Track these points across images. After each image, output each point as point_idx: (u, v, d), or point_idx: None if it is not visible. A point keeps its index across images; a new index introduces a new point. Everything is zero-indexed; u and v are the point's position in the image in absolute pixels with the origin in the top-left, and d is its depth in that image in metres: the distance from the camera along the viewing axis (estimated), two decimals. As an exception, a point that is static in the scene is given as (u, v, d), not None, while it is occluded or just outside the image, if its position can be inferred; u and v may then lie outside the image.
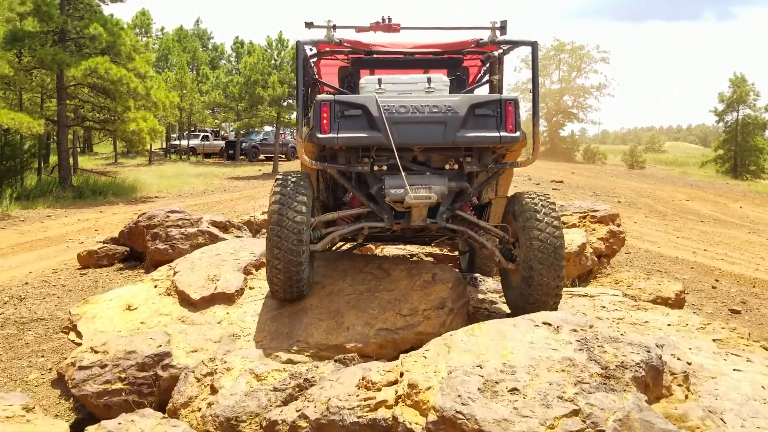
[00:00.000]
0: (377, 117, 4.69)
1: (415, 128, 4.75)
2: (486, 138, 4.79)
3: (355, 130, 4.73)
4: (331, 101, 4.74)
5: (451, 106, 4.75)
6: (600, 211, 8.88)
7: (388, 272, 5.38)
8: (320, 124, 4.71)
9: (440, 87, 5.08)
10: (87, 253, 10.55)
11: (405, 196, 4.76)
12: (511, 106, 4.83)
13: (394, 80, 5.12)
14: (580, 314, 5.53)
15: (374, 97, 4.75)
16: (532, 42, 4.98)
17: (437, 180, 4.93)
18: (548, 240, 4.83)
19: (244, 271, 5.51)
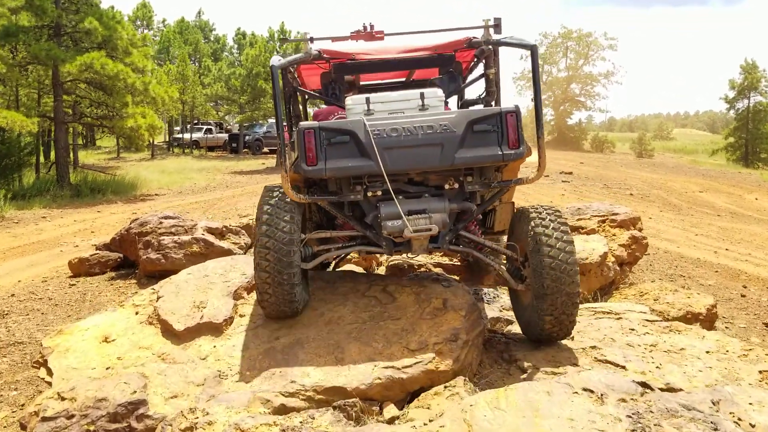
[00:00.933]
0: (366, 143, 4.30)
1: (409, 152, 4.35)
2: (487, 157, 4.41)
3: (343, 159, 4.35)
4: (315, 129, 4.34)
5: (446, 125, 4.35)
6: (620, 214, 8.30)
7: (394, 296, 4.84)
8: (305, 155, 4.34)
9: (435, 103, 4.66)
10: (78, 260, 10.06)
11: (404, 229, 4.43)
12: (512, 118, 4.43)
13: (383, 99, 4.69)
14: (606, 339, 5.00)
15: (362, 121, 4.35)
16: (532, 45, 4.51)
17: (437, 204, 4.58)
18: (562, 264, 4.43)
19: (234, 296, 4.98)
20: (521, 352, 4.66)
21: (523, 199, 18.81)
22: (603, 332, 5.21)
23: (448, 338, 4.29)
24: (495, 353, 4.76)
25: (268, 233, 4.32)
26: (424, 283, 4.98)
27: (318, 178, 4.47)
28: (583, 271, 6.98)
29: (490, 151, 4.40)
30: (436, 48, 5.10)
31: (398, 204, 4.42)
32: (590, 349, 4.68)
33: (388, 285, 5.00)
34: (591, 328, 5.31)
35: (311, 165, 4.33)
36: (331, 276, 5.30)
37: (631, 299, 6.91)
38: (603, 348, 4.72)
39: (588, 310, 6.09)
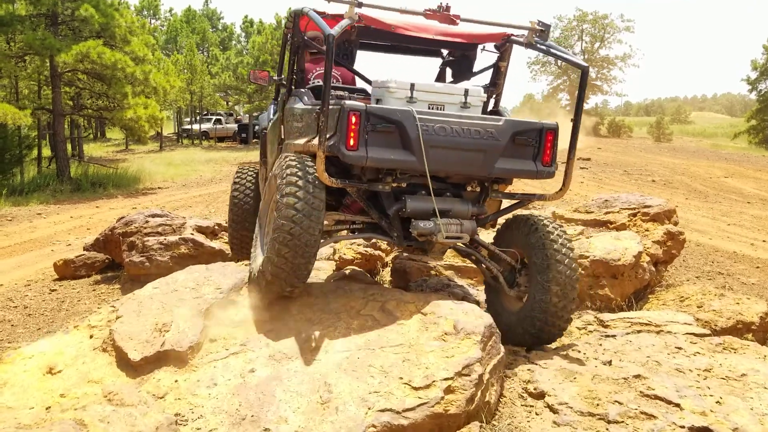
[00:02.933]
0: (413, 137, 4.08)
1: (453, 154, 4.19)
2: (522, 171, 4.42)
3: (386, 149, 4.11)
4: (362, 111, 4.04)
5: (493, 133, 4.23)
6: (653, 206, 7.43)
7: (394, 316, 4.02)
8: (346, 137, 4.03)
9: (476, 102, 4.53)
10: (63, 262, 9.34)
11: (436, 234, 4.30)
12: (551, 135, 4.41)
13: (427, 88, 4.42)
14: (650, 363, 4.17)
15: (412, 113, 4.09)
16: (584, 66, 4.51)
17: (461, 207, 4.50)
18: (569, 281, 4.44)
19: (206, 316, 4.18)
20: (550, 383, 3.83)
21: (540, 188, 17.92)
22: (645, 353, 4.37)
23: (460, 372, 3.47)
24: (518, 384, 3.93)
25: (297, 206, 3.93)
26: (430, 299, 4.16)
27: (356, 164, 4.18)
28: (615, 274, 6.14)
29: (526, 166, 4.37)
30: (474, 37, 4.90)
31: (436, 207, 4.28)
32: (634, 380, 3.84)
33: (387, 301, 4.18)
34: (630, 348, 4.48)
35: (351, 150, 4.06)
36: (323, 289, 4.49)
37: (670, 305, 6.06)
38: (649, 377, 3.88)
39: (623, 321, 5.26)
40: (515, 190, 5.18)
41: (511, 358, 4.32)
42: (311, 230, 3.96)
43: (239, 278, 4.56)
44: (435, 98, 4.43)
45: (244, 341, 3.95)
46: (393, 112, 4.11)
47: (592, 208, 7.66)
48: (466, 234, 4.40)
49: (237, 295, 4.44)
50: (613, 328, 5.24)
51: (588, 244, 6.43)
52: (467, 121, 4.22)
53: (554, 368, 4.03)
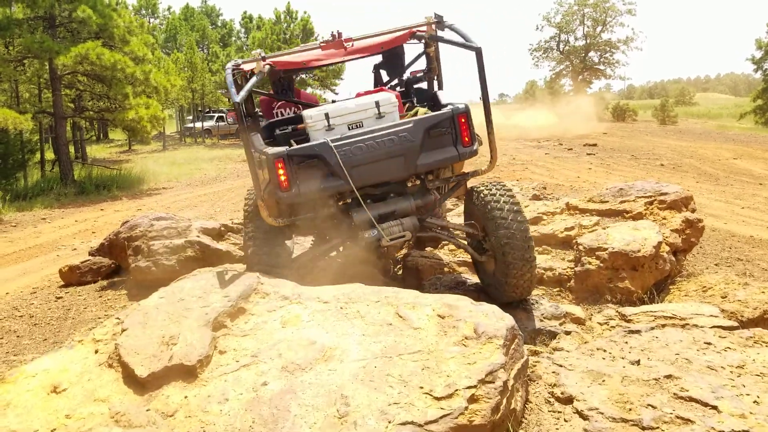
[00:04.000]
0: (335, 164, 4.55)
1: (374, 167, 4.63)
2: (446, 159, 4.75)
3: (315, 180, 4.61)
4: (284, 156, 4.56)
5: (406, 135, 4.62)
6: (669, 194, 7.21)
7: (410, 319, 3.84)
8: (278, 182, 4.58)
9: (390, 109, 4.88)
10: (69, 268, 9.21)
11: (381, 239, 4.78)
12: (464, 118, 4.74)
13: (341, 111, 4.85)
14: (680, 360, 3.98)
15: (328, 144, 4.57)
16: (476, 48, 4.75)
17: (404, 204, 4.95)
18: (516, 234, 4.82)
19: (214, 326, 4.01)
20: (578, 386, 3.65)
21: (548, 176, 17.73)
22: (674, 350, 4.18)
23: (484, 379, 3.29)
24: (543, 388, 3.75)
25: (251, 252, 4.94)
26: (447, 300, 3.97)
27: (294, 202, 4.70)
28: (635, 266, 5.94)
29: (448, 153, 4.73)
30: (382, 46, 5.34)
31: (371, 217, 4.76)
32: (665, 380, 3.66)
33: (402, 305, 4.00)
34: (657, 345, 4.29)
35: (285, 191, 4.59)
36: (335, 294, 4.31)
37: (693, 296, 5.86)
38: (681, 377, 3.69)
39: (647, 315, 5.07)
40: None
41: (533, 359, 4.15)
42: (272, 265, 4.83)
43: (247, 284, 4.39)
44: (352, 118, 4.83)
45: (255, 352, 3.78)
46: (310, 149, 4.60)
47: (606, 198, 7.45)
48: (408, 231, 4.84)
49: (246, 303, 4.27)
50: (636, 322, 5.05)
51: (606, 235, 6.24)
52: (380, 133, 4.61)
53: (581, 370, 3.85)
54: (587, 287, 6.02)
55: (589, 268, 5.99)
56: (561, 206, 7.56)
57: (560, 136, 31.13)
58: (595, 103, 50.15)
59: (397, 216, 4.93)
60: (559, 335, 4.99)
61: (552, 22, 58.49)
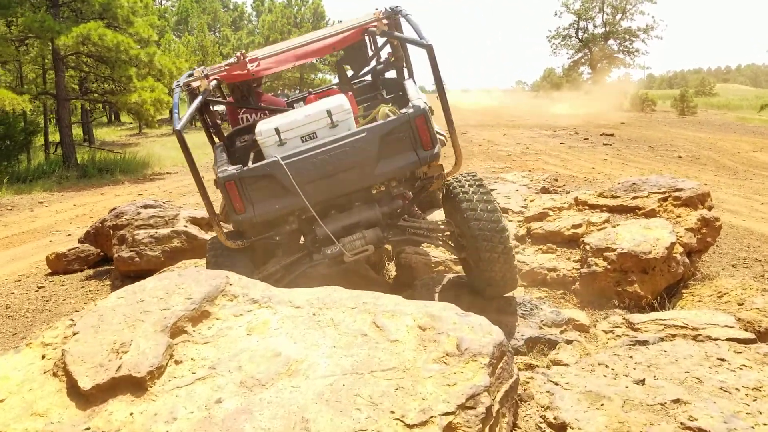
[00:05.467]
0: (287, 183, 4.37)
1: (330, 181, 4.43)
2: (405, 165, 4.52)
3: (270, 200, 4.47)
4: (236, 179, 4.42)
5: (360, 146, 4.38)
6: (685, 190, 6.72)
7: (387, 330, 3.43)
8: (233, 205, 4.47)
9: (343, 117, 4.62)
10: (56, 256, 8.91)
11: (342, 255, 4.66)
12: (421, 120, 4.46)
13: (292, 124, 4.61)
14: (690, 380, 3.56)
15: (278, 162, 4.37)
16: (427, 45, 4.47)
17: (369, 213, 4.75)
18: (485, 218, 4.59)
19: (172, 332, 3.61)
20: (573, 410, 3.23)
21: (562, 167, 17.20)
22: (683, 367, 3.75)
23: (464, 404, 2.87)
24: (535, 411, 3.33)
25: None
26: (431, 309, 3.55)
27: (250, 223, 4.55)
28: (646, 269, 5.49)
29: (407, 159, 4.48)
30: (333, 47, 5.13)
31: (330, 233, 4.59)
32: (672, 406, 3.23)
33: (381, 313, 3.58)
34: (665, 360, 3.86)
35: (240, 213, 4.46)
36: (308, 299, 3.90)
37: (707, 302, 5.40)
38: (690, 401, 3.26)
39: (656, 324, 4.64)
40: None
41: (527, 375, 3.73)
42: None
43: (215, 285, 3.98)
44: (304, 130, 4.58)
45: (213, 363, 3.38)
46: (261, 169, 4.42)
47: (618, 193, 6.98)
48: (371, 246, 4.68)
49: (211, 305, 3.86)
50: (644, 332, 4.63)
51: (615, 234, 5.78)
52: (332, 146, 4.39)
53: (578, 391, 3.42)
54: (593, 290, 5.58)
55: (596, 269, 5.54)
56: (569, 201, 7.10)
57: (577, 126, 30.44)
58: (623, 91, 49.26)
59: (361, 227, 4.74)
60: (559, 345, 4.56)
61: (571, 9, 57.42)
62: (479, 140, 24.10)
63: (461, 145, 4.99)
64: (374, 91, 6.43)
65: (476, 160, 18.92)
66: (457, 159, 4.76)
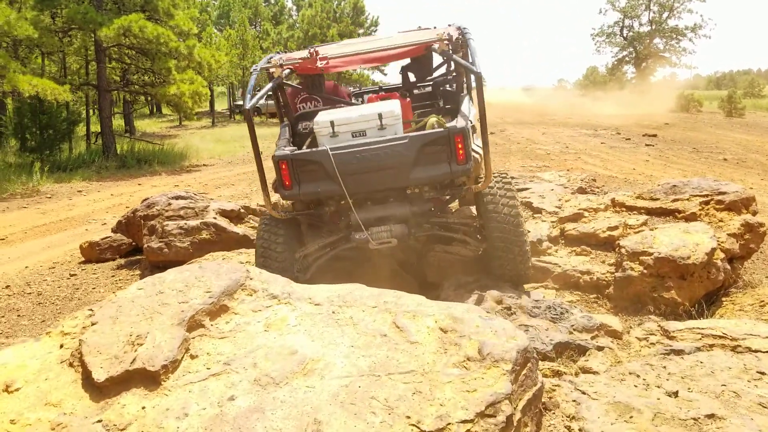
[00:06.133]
0: (331, 171, 4.85)
1: (369, 177, 4.90)
2: (438, 175, 4.93)
3: (314, 183, 4.99)
4: (288, 159, 4.97)
5: (400, 150, 4.84)
6: (728, 193, 6.45)
7: (408, 331, 3.31)
8: (282, 180, 5.02)
9: (392, 122, 5.07)
10: (89, 245, 9.01)
11: (368, 242, 5.15)
12: (460, 137, 4.84)
13: (346, 120, 5.10)
14: (727, 394, 3.37)
15: (327, 152, 4.86)
16: (477, 72, 4.85)
17: (400, 210, 5.22)
18: (506, 223, 5.02)
19: (189, 326, 3.55)
20: (600, 421, 3.06)
21: (602, 167, 16.84)
22: (720, 379, 3.55)
23: (483, 412, 2.74)
24: (559, 421, 3.18)
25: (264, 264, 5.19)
26: (455, 311, 3.42)
27: (294, 199, 5.24)
28: (684, 274, 5.27)
29: (441, 170, 4.90)
30: (398, 56, 5.51)
31: (360, 221, 5.10)
32: (706, 421, 3.04)
33: (402, 313, 3.47)
34: (701, 371, 3.66)
35: (287, 189, 5.05)
36: (329, 296, 3.80)
37: (748, 312, 5.15)
38: (726, 417, 3.08)
39: (692, 332, 4.42)
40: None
41: (553, 382, 3.57)
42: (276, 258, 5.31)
43: (234, 279, 3.91)
44: (355, 127, 5.06)
45: (228, 359, 3.31)
46: (311, 155, 4.97)
47: (657, 195, 6.73)
48: (395, 239, 5.15)
49: (230, 300, 3.80)
50: (679, 340, 4.42)
51: (652, 238, 5.56)
52: (376, 146, 4.86)
53: (606, 401, 3.26)
54: (628, 296, 5.37)
55: (631, 274, 5.34)
56: (606, 202, 6.88)
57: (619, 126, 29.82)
58: (671, 91, 48.23)
59: (392, 221, 5.19)
60: (589, 351, 4.38)
61: (616, 7, 56.47)
62: (518, 138, 23.77)
63: (500, 143, 5.23)
64: (432, 99, 6.96)
65: (514, 158, 18.66)
66: (486, 176, 5.02)
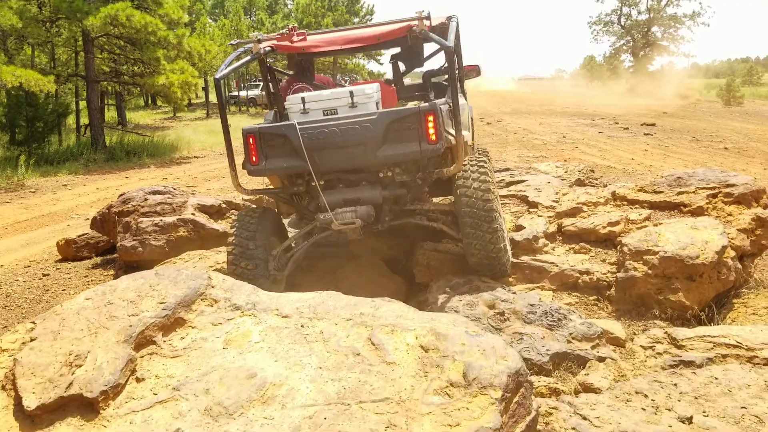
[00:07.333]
0: (297, 145, 4.69)
1: (335, 153, 4.73)
2: (406, 153, 4.74)
3: (280, 158, 4.83)
4: (256, 132, 4.83)
5: (368, 126, 4.67)
6: (737, 185, 6.03)
7: (385, 349, 2.90)
8: (249, 155, 4.86)
9: (363, 100, 4.92)
10: (65, 242, 8.59)
11: (331, 223, 4.96)
12: (431, 115, 4.67)
13: (317, 98, 4.99)
14: (748, 419, 2.97)
15: (294, 126, 4.71)
16: (447, 46, 4.76)
17: (370, 193, 5.02)
18: (475, 197, 4.76)
19: (137, 343, 3.13)
20: (602, 455, 2.67)
21: (600, 157, 16.43)
22: (738, 400, 3.15)
23: (467, 450, 2.34)
24: (556, 452, 2.78)
25: (234, 262, 5.02)
26: (438, 325, 3.01)
27: (259, 176, 5.04)
28: (692, 275, 4.86)
29: (410, 148, 4.68)
30: (378, 37, 5.28)
31: (324, 200, 4.90)
32: (727, 455, 2.64)
33: (379, 327, 3.05)
34: (717, 390, 3.27)
35: (253, 165, 4.86)
36: (298, 306, 3.38)
37: (763, 315, 4.74)
38: (748, 447, 2.68)
39: (703, 341, 4.03)
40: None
41: (550, 404, 3.16)
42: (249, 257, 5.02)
43: (193, 288, 3.50)
44: (326, 104, 4.91)
45: (179, 383, 2.90)
46: (279, 128, 4.80)
47: (661, 187, 6.31)
48: (359, 219, 4.93)
49: (187, 311, 3.38)
50: (689, 350, 4.03)
51: (657, 235, 5.14)
52: (344, 121, 4.68)
53: (610, 429, 2.85)
54: (631, 298, 4.96)
55: (635, 275, 4.92)
56: (606, 195, 6.46)
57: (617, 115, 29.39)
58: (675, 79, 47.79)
59: (361, 203, 5.01)
60: (590, 362, 3.98)
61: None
62: (514, 128, 23.33)
63: (497, 133, 4.81)
64: (423, 91, 6.82)
65: (510, 148, 18.23)
66: (458, 158, 4.83)
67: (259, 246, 5.03)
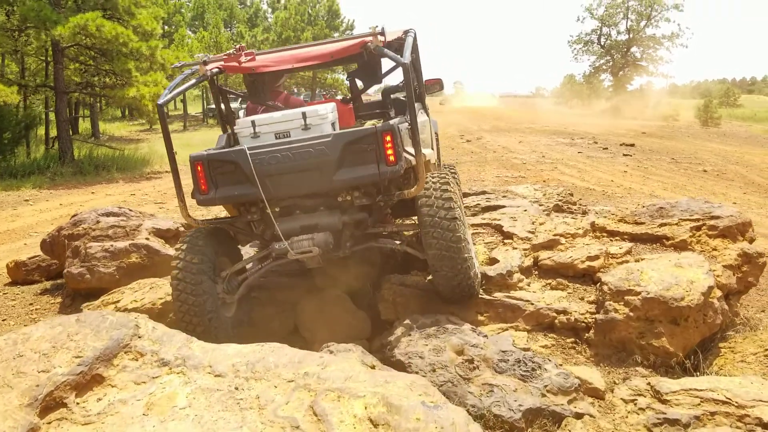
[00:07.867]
0: (249, 172, 4.44)
1: (289, 178, 4.50)
2: (365, 176, 4.51)
3: (231, 186, 4.56)
4: (204, 160, 4.60)
5: (323, 148, 4.44)
6: (722, 218, 5.71)
7: (327, 421, 2.49)
8: (198, 184, 4.61)
9: (317, 122, 4.70)
10: (15, 264, 8.08)
11: (287, 252, 4.67)
12: (389, 135, 4.46)
13: (268, 120, 4.78)
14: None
15: (244, 151, 4.46)
16: (403, 63, 4.50)
17: (329, 219, 4.78)
18: (438, 213, 4.53)
19: (44, 407, 2.70)
20: None
21: (579, 178, 16.18)
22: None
23: None
24: None
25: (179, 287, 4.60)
26: (391, 395, 2.61)
27: (210, 206, 4.96)
28: (677, 319, 4.51)
29: (368, 170, 4.47)
30: (332, 55, 5.10)
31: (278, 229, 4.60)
32: None
33: (325, 392, 2.65)
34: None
35: (203, 194, 4.60)
36: (234, 362, 2.97)
37: (752, 363, 4.40)
38: None
39: (688, 394, 3.70)
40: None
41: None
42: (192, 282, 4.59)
43: (116, 339, 3.07)
44: (278, 127, 4.69)
45: (86, 460, 2.47)
46: (228, 154, 4.54)
47: (642, 218, 5.98)
48: (316, 248, 4.62)
49: (107, 367, 2.96)
50: (674, 405, 3.68)
51: (639, 273, 4.78)
52: (296, 145, 4.45)
53: None
54: (611, 342, 4.59)
55: (615, 317, 4.55)
56: (585, 226, 6.12)
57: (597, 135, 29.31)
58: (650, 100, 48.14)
59: (319, 230, 4.74)
60: (566, 419, 3.60)
61: (594, 15, 56.23)
62: (494, 147, 23.07)
63: (476, 151, 4.41)
64: (383, 108, 6.59)
65: (489, 167, 17.94)
66: (419, 181, 4.53)
67: (201, 271, 4.65)
